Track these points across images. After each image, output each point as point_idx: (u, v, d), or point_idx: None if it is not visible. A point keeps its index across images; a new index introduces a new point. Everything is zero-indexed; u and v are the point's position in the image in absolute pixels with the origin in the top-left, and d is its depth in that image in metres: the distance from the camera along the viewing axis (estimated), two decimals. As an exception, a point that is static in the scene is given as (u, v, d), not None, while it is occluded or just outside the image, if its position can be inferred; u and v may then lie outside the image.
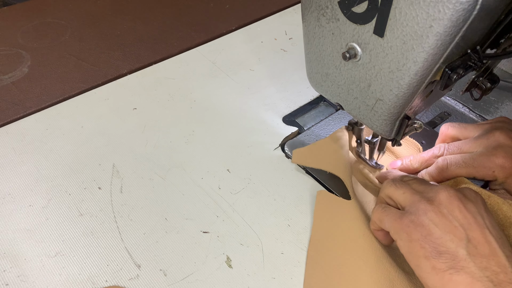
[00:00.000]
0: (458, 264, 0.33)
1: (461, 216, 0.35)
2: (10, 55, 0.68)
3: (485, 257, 0.33)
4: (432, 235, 0.35)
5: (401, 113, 0.38)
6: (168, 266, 0.42)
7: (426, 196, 0.37)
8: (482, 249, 0.34)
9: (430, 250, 0.34)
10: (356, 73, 0.38)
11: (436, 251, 0.34)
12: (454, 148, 0.46)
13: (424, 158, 0.48)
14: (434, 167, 0.46)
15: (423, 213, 0.36)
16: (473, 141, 0.45)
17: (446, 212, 0.35)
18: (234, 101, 0.61)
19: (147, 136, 0.55)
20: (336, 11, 0.36)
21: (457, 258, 0.33)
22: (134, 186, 0.49)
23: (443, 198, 0.36)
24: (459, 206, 0.36)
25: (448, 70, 0.33)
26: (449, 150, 0.47)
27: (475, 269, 0.33)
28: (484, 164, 0.43)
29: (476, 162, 0.43)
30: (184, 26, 0.76)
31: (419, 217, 0.36)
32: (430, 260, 0.34)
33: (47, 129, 0.56)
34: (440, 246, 0.34)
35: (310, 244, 0.43)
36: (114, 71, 0.66)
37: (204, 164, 0.52)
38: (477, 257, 0.33)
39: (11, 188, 0.49)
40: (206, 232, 0.45)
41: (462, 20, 0.28)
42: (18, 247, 0.43)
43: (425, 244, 0.35)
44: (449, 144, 0.47)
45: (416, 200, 0.37)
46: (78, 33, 0.74)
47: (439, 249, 0.34)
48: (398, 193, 0.39)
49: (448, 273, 0.33)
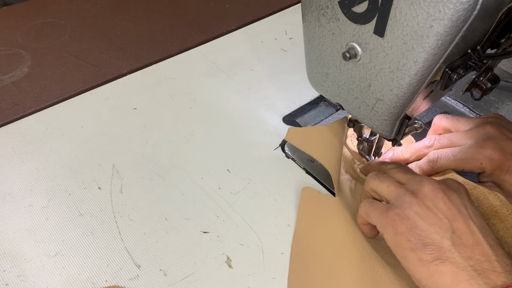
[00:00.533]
0: (443, 255, 0.34)
1: (445, 208, 0.36)
2: (10, 55, 0.68)
3: (469, 246, 0.34)
4: (417, 227, 0.36)
5: (401, 113, 0.38)
6: (168, 266, 0.42)
7: (410, 189, 0.38)
8: (466, 239, 0.34)
9: (415, 242, 0.35)
10: (356, 73, 0.38)
11: (421, 243, 0.35)
12: (444, 140, 0.47)
13: (415, 149, 0.49)
14: (425, 160, 0.47)
15: (408, 206, 0.37)
16: (464, 134, 0.46)
17: (430, 204, 0.36)
18: (234, 101, 0.61)
19: (147, 136, 0.55)
20: (336, 11, 0.36)
21: (442, 249, 0.34)
22: (134, 186, 0.49)
23: (427, 191, 0.37)
24: (443, 198, 0.36)
25: (448, 70, 0.33)
26: (440, 141, 0.47)
27: (460, 259, 0.33)
28: (472, 156, 0.44)
29: (465, 155, 0.44)
30: (184, 26, 0.76)
31: (404, 210, 0.37)
32: (416, 252, 0.35)
33: (47, 129, 0.56)
34: (425, 238, 0.35)
35: (294, 241, 0.44)
36: (114, 71, 0.66)
37: (204, 164, 0.52)
38: (461, 247, 0.34)
39: (11, 188, 0.49)
40: (206, 232, 0.45)
41: (463, 20, 0.28)
42: (18, 247, 0.43)
43: (411, 237, 0.35)
44: (440, 136, 0.48)
45: (401, 193, 0.38)
46: (78, 33, 0.74)
47: (424, 241, 0.35)
48: (382, 187, 0.40)
49: (434, 264, 0.34)
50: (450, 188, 0.38)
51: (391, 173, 0.42)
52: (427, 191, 0.37)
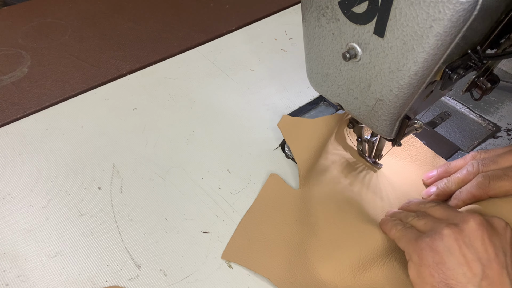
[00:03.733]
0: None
1: (482, 248, 0.33)
2: (10, 55, 0.68)
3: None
4: (444, 264, 0.33)
5: (401, 113, 0.38)
6: (168, 266, 0.42)
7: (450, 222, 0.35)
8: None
9: (438, 280, 0.33)
10: (356, 73, 0.38)
11: (444, 283, 0.33)
12: (489, 163, 0.43)
13: (460, 178, 0.44)
14: (475, 183, 0.42)
15: (440, 238, 0.34)
16: (509, 154, 0.42)
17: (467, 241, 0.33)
18: (234, 101, 0.61)
19: (147, 136, 0.55)
20: (336, 11, 0.36)
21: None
22: (134, 186, 0.49)
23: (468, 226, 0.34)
24: (482, 238, 0.33)
25: (448, 70, 0.33)
26: (485, 165, 0.43)
27: None
28: None
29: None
30: (184, 26, 0.76)
31: (434, 241, 0.34)
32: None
33: (47, 129, 0.56)
34: (449, 278, 0.32)
35: (245, 215, 0.46)
36: (114, 71, 0.66)
37: (204, 164, 0.52)
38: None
39: (11, 188, 0.49)
40: (206, 232, 0.45)
41: (462, 21, 0.28)
42: (18, 247, 0.43)
43: (435, 273, 0.33)
44: (483, 159, 0.44)
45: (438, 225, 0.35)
46: (78, 33, 0.74)
47: (448, 281, 0.32)
48: (420, 223, 0.37)
49: None
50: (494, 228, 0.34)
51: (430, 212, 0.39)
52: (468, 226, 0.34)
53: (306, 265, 0.42)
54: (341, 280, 0.40)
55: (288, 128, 0.53)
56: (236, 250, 0.43)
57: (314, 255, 0.43)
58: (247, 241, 0.44)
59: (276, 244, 0.44)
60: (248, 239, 0.44)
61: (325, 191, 0.48)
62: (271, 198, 0.48)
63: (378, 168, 0.51)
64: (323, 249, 0.43)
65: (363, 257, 0.41)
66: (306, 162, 0.50)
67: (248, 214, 0.47)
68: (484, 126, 0.58)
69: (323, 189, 0.49)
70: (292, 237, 0.44)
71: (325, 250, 0.43)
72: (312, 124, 0.53)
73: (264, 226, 0.45)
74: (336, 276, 0.41)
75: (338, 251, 0.42)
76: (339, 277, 0.41)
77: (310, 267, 0.42)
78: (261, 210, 0.47)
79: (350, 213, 0.46)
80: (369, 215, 0.46)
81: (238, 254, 0.43)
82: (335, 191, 0.48)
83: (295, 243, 0.44)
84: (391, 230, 0.40)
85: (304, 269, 0.42)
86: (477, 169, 0.44)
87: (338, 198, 0.48)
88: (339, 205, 0.47)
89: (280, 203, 0.47)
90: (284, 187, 0.49)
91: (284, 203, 0.47)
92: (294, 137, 0.52)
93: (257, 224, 0.45)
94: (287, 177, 0.51)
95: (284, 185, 0.49)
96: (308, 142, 0.51)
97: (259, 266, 0.42)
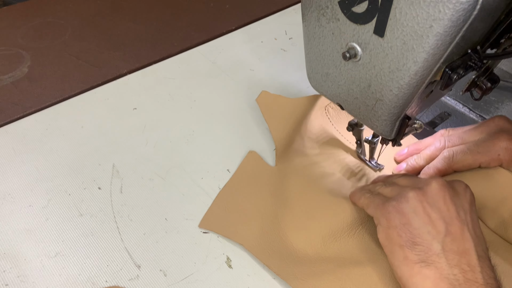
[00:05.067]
0: (430, 258, 0.34)
1: (444, 208, 0.35)
2: (10, 55, 0.68)
3: (458, 253, 0.33)
4: (410, 224, 0.35)
5: (401, 113, 0.38)
6: (168, 267, 0.42)
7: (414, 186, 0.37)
8: (457, 245, 0.34)
9: (406, 240, 0.35)
10: (356, 73, 0.38)
11: (411, 242, 0.34)
12: (455, 138, 0.46)
13: (428, 154, 0.48)
14: (440, 159, 0.45)
15: (406, 200, 0.36)
16: (474, 130, 0.45)
17: (430, 201, 0.36)
18: (234, 101, 0.61)
19: (147, 136, 0.55)
20: (336, 11, 0.36)
21: (431, 251, 0.34)
22: (134, 186, 0.49)
23: (431, 188, 0.36)
24: (444, 198, 0.36)
25: (448, 70, 0.33)
26: (451, 141, 0.46)
27: (445, 266, 0.33)
28: (489, 149, 0.43)
29: (481, 148, 0.43)
30: (184, 26, 0.76)
31: (400, 204, 0.36)
32: (404, 249, 0.34)
33: (47, 129, 0.56)
34: (416, 237, 0.34)
35: (223, 188, 0.48)
36: (114, 71, 0.66)
37: (204, 164, 0.52)
38: (450, 252, 0.34)
39: (11, 188, 0.49)
40: (206, 232, 0.45)
41: (462, 20, 0.28)
42: (18, 247, 0.43)
43: (402, 233, 0.35)
44: (450, 136, 0.47)
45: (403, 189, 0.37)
46: (78, 33, 0.74)
47: (415, 239, 0.34)
48: (386, 191, 0.40)
49: (418, 266, 0.34)
50: (455, 189, 0.37)
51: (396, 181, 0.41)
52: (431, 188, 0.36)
53: (279, 233, 0.44)
54: (311, 247, 0.42)
55: (267, 104, 0.55)
56: (213, 219, 0.45)
57: (287, 224, 0.44)
58: (224, 212, 0.46)
59: (251, 215, 0.46)
60: (225, 210, 0.46)
61: (300, 168, 0.50)
62: (249, 173, 0.50)
63: (380, 169, 0.51)
64: (295, 219, 0.44)
65: (333, 227, 0.43)
66: (284, 140, 0.52)
67: (226, 187, 0.49)
68: (484, 126, 0.58)
69: (298, 166, 0.50)
70: (266, 208, 0.46)
71: (297, 220, 0.44)
72: (290, 102, 0.55)
73: (240, 198, 0.47)
74: (307, 244, 0.43)
75: (309, 221, 0.44)
76: (310, 244, 0.42)
77: (283, 236, 0.43)
78: (239, 183, 0.49)
79: (322, 187, 0.48)
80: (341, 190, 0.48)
81: (215, 223, 0.45)
82: (309, 168, 0.50)
83: (269, 214, 0.45)
84: (359, 199, 0.41)
85: (277, 238, 0.43)
86: (443, 145, 0.47)
87: (312, 175, 0.49)
88: (312, 180, 0.49)
89: (256, 178, 0.50)
90: (261, 163, 0.51)
91: (261, 178, 0.50)
92: (272, 114, 0.54)
93: (234, 197, 0.48)
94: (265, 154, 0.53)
95: (262, 161, 0.52)
96: (286, 120, 0.53)
97: (234, 235, 0.44)
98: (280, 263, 0.41)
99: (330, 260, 0.41)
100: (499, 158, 0.43)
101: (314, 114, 0.55)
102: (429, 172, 0.46)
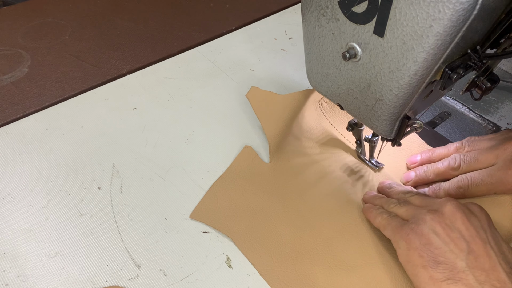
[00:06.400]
0: (456, 275, 0.33)
1: (463, 228, 0.35)
2: (10, 55, 0.68)
3: (485, 270, 0.33)
4: (431, 244, 0.35)
5: (401, 113, 0.38)
6: (168, 266, 0.42)
7: (430, 209, 0.37)
8: (483, 262, 0.33)
9: (428, 260, 0.34)
10: (356, 73, 0.38)
11: (434, 261, 0.34)
12: (471, 160, 0.45)
13: (440, 170, 0.47)
14: (454, 186, 0.45)
15: (424, 222, 0.36)
16: (490, 152, 0.44)
17: (448, 222, 0.35)
18: (234, 101, 0.61)
19: (147, 136, 0.55)
20: (336, 11, 0.36)
21: (456, 269, 0.33)
22: (134, 186, 0.49)
23: (447, 210, 0.36)
24: (462, 219, 0.35)
25: (448, 70, 0.33)
26: (466, 162, 0.45)
27: (474, 282, 0.32)
28: (502, 180, 0.42)
29: (494, 179, 0.42)
30: (184, 26, 0.76)
31: (419, 226, 0.36)
32: (428, 269, 0.34)
33: (47, 129, 0.56)
34: (438, 256, 0.34)
35: (216, 181, 0.49)
36: (114, 71, 0.66)
37: (204, 164, 0.52)
38: (476, 269, 0.33)
39: (11, 188, 0.49)
40: (206, 232, 0.45)
41: (462, 20, 0.28)
42: (18, 247, 0.43)
43: (424, 253, 0.34)
44: (465, 155, 0.46)
45: (419, 212, 0.37)
46: (78, 33, 0.74)
47: (437, 259, 0.34)
48: (401, 211, 0.40)
49: (446, 284, 0.33)
50: (471, 211, 0.37)
51: (411, 200, 0.41)
52: (447, 210, 0.36)
53: (268, 228, 0.44)
54: (300, 242, 0.43)
55: (257, 100, 0.55)
56: (205, 211, 0.46)
57: (277, 220, 0.45)
58: (215, 205, 0.47)
59: (242, 210, 0.46)
60: (216, 203, 0.47)
61: (295, 165, 0.50)
62: (243, 168, 0.51)
63: (380, 168, 0.51)
64: (288, 217, 0.45)
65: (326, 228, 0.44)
66: (277, 136, 0.52)
67: (219, 180, 0.49)
68: (484, 126, 0.58)
69: (293, 163, 0.51)
70: (258, 205, 0.46)
71: (288, 217, 0.45)
72: (281, 99, 0.55)
73: (232, 192, 0.48)
74: (297, 240, 0.43)
75: (299, 220, 0.45)
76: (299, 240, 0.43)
77: (273, 231, 0.44)
78: (232, 178, 0.49)
79: (319, 186, 0.48)
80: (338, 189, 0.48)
81: (205, 215, 0.46)
82: (304, 165, 0.51)
83: (260, 210, 0.46)
84: (375, 219, 0.41)
85: (266, 232, 0.44)
86: (458, 165, 0.46)
87: (307, 172, 0.50)
88: (308, 178, 0.49)
89: (250, 174, 0.50)
90: (256, 159, 0.52)
91: (254, 174, 0.50)
92: (264, 111, 0.54)
93: (226, 190, 0.48)
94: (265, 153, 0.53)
95: (256, 157, 0.52)
96: (277, 117, 0.53)
97: (224, 227, 0.44)
98: (266, 260, 0.42)
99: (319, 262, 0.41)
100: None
101: (307, 109, 0.55)
102: (439, 194, 0.45)
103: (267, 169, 0.50)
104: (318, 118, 0.55)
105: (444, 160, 0.47)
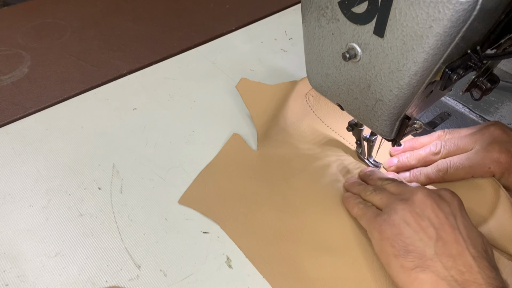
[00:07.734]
0: (425, 263, 0.34)
1: (433, 215, 0.36)
2: (10, 55, 0.68)
3: (452, 256, 0.34)
4: (402, 234, 0.36)
5: (401, 114, 0.38)
6: (168, 267, 0.42)
7: (402, 198, 0.38)
8: (450, 248, 0.34)
9: (399, 249, 0.36)
10: (356, 74, 0.38)
11: (404, 250, 0.35)
12: (451, 146, 0.47)
13: (422, 155, 0.48)
14: (434, 169, 0.46)
15: (395, 212, 0.37)
16: (469, 138, 0.46)
17: (418, 211, 0.37)
18: (234, 101, 0.61)
19: (147, 136, 0.55)
20: (336, 11, 0.36)
21: (424, 257, 0.35)
22: (134, 186, 0.49)
23: (417, 198, 0.37)
24: (432, 205, 0.37)
25: (448, 71, 0.33)
26: (447, 147, 0.47)
27: (441, 268, 0.34)
28: (479, 162, 0.44)
29: (472, 161, 0.44)
30: (184, 26, 0.76)
31: (391, 216, 0.37)
32: (399, 258, 0.35)
33: (47, 129, 0.56)
34: (409, 245, 0.35)
35: (205, 168, 0.50)
36: (114, 71, 0.66)
37: (204, 164, 0.52)
38: (444, 256, 0.34)
39: (11, 188, 0.49)
40: (206, 232, 0.45)
41: (462, 21, 0.28)
42: (18, 247, 0.43)
43: (395, 243, 0.36)
44: (446, 142, 0.48)
45: (392, 201, 0.39)
46: (78, 33, 0.74)
47: (408, 248, 0.35)
48: (376, 198, 0.41)
49: (415, 272, 0.34)
50: (442, 197, 0.38)
51: (386, 187, 0.42)
52: (417, 198, 0.37)
53: (254, 212, 0.45)
54: (286, 226, 0.44)
55: (247, 91, 0.56)
56: (193, 197, 0.47)
57: (264, 204, 0.46)
58: (203, 191, 0.48)
59: (229, 195, 0.47)
60: (204, 189, 0.48)
61: (281, 153, 0.51)
62: (231, 156, 0.52)
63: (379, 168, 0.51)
64: (272, 201, 0.46)
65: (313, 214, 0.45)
66: (264, 125, 0.54)
67: (207, 167, 0.50)
68: (484, 126, 0.58)
69: (279, 151, 0.52)
70: (245, 190, 0.47)
71: (274, 202, 0.46)
72: (270, 89, 0.56)
73: (220, 179, 0.49)
74: (282, 223, 0.44)
75: (285, 204, 0.46)
76: (284, 223, 0.44)
77: (259, 214, 0.45)
78: (220, 165, 0.50)
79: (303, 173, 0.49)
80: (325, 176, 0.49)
81: (193, 201, 0.47)
82: (291, 154, 0.51)
83: (247, 195, 0.47)
84: (353, 208, 0.43)
85: (252, 216, 0.45)
86: (439, 150, 0.47)
87: (293, 160, 0.51)
88: (293, 165, 0.50)
89: (238, 161, 0.51)
90: (244, 147, 0.53)
91: (242, 161, 0.51)
92: (253, 101, 0.55)
93: (214, 177, 0.49)
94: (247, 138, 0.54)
95: (244, 145, 0.53)
96: (266, 106, 0.55)
97: (211, 213, 0.45)
98: (252, 243, 0.43)
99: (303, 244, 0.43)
100: (489, 171, 0.43)
101: (293, 100, 0.56)
102: (420, 178, 0.47)
103: (254, 156, 0.52)
104: (305, 110, 0.56)
105: (426, 146, 0.49)
